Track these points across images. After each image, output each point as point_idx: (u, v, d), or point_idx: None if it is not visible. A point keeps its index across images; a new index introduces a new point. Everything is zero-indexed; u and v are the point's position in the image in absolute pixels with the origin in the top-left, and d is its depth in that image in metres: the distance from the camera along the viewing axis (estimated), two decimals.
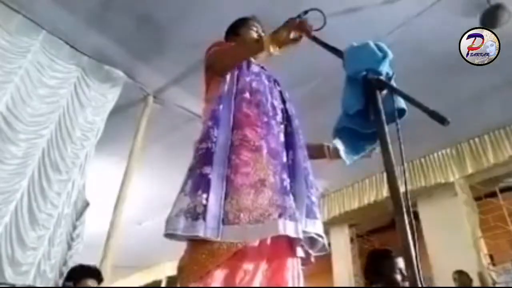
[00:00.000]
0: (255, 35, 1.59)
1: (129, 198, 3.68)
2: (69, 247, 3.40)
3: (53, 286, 3.12)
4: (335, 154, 1.47)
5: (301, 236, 1.06)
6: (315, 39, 1.24)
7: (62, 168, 3.34)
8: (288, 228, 1.03)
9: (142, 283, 9.38)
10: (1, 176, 2.97)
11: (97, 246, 3.41)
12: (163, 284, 8.88)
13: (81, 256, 3.51)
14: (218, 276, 1.01)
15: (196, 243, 1.04)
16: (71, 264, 3.24)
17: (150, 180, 5.24)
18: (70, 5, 3.30)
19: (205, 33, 1.45)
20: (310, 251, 1.22)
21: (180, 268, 1.06)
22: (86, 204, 3.65)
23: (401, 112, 1.01)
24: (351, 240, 6.33)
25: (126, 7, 3.31)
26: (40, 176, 3.21)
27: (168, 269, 8.54)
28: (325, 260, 5.98)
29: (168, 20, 3.41)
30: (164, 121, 4.34)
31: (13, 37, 3.21)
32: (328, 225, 6.25)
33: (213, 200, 1.05)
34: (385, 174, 0.85)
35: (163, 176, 5.07)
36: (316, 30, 1.26)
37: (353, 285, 5.76)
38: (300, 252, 1.18)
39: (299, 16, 1.31)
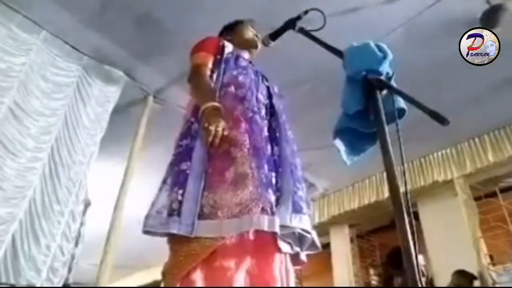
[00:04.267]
0: (251, 34, 1.59)
1: (129, 198, 3.68)
2: (76, 245, 3.43)
3: (63, 283, 3.15)
4: None
5: (276, 230, 1.03)
6: (315, 39, 1.24)
7: (71, 165, 3.38)
8: (261, 222, 1.00)
9: (142, 283, 9.37)
10: (15, 168, 3.01)
11: (97, 246, 3.41)
12: (162, 284, 8.87)
13: (82, 256, 3.52)
14: (197, 276, 0.98)
15: (176, 246, 1.02)
16: (75, 262, 3.27)
17: (150, 180, 5.22)
18: (70, 5, 3.30)
19: (205, 33, 1.44)
20: (298, 249, 1.17)
21: (163, 274, 1.04)
22: (88, 203, 3.66)
23: (401, 112, 1.01)
24: (351, 240, 6.32)
25: (126, 7, 3.31)
26: (51, 172, 3.25)
27: None
28: (325, 260, 5.98)
29: (168, 20, 3.41)
30: (164, 121, 4.32)
31: (15, 34, 3.23)
32: (328, 225, 6.25)
33: (189, 196, 1.03)
34: (385, 174, 0.85)
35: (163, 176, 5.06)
36: (316, 30, 1.26)
37: (353, 285, 5.76)
38: (285, 247, 1.12)
39: (299, 16, 1.31)
